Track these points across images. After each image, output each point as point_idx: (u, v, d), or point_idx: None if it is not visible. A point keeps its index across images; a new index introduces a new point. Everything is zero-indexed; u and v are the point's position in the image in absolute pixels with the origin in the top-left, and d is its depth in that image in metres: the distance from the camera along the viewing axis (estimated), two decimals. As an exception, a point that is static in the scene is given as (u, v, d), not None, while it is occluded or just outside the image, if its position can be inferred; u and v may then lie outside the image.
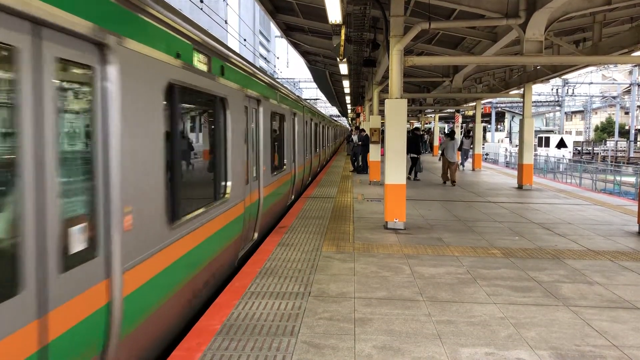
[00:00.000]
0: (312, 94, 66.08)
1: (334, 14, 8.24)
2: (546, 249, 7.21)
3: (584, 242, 7.64)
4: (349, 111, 44.68)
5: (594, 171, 22.45)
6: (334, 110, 76.21)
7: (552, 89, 56.77)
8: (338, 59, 11.99)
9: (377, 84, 16.05)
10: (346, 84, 20.81)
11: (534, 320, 4.48)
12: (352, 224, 8.93)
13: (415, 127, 22.15)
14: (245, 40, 27.51)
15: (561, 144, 35.75)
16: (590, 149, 51.99)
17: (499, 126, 60.80)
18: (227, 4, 30.17)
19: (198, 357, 3.66)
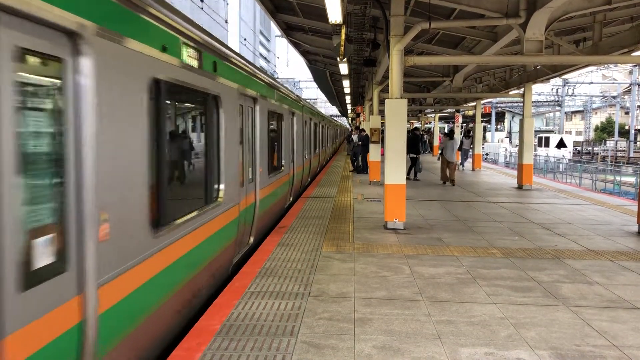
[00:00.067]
0: (312, 93, 66.11)
1: (334, 13, 8.24)
2: (546, 249, 7.21)
3: (583, 242, 7.64)
4: (349, 111, 44.69)
5: (594, 171, 22.46)
6: (334, 110, 76.23)
7: (552, 89, 56.75)
8: (338, 58, 11.99)
9: (377, 83, 16.05)
10: (346, 83, 20.80)
11: (534, 320, 4.48)
12: (352, 224, 8.93)
13: (415, 127, 22.13)
14: (245, 39, 27.52)
15: (561, 144, 35.76)
16: (590, 148, 52.02)
17: (499, 126, 60.84)
18: (228, 4, 30.19)
19: (198, 357, 3.66)
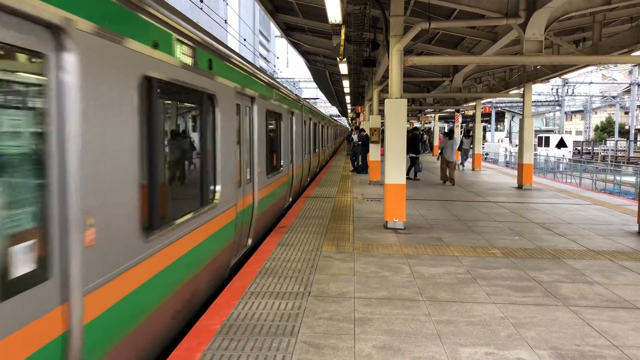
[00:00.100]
0: (312, 93, 66.08)
1: (334, 13, 8.24)
2: (546, 248, 7.21)
3: (583, 242, 7.64)
4: (348, 111, 44.69)
5: (594, 171, 22.46)
6: (333, 110, 76.22)
7: (552, 89, 56.77)
8: (338, 58, 11.99)
9: (377, 83, 16.05)
10: (346, 83, 20.80)
11: (534, 320, 4.48)
12: (352, 223, 8.93)
13: (415, 127, 22.13)
14: (245, 40, 27.53)
15: (561, 144, 35.75)
16: (590, 148, 52.02)
17: (498, 126, 60.82)
18: (227, 4, 30.20)
19: (198, 357, 3.66)
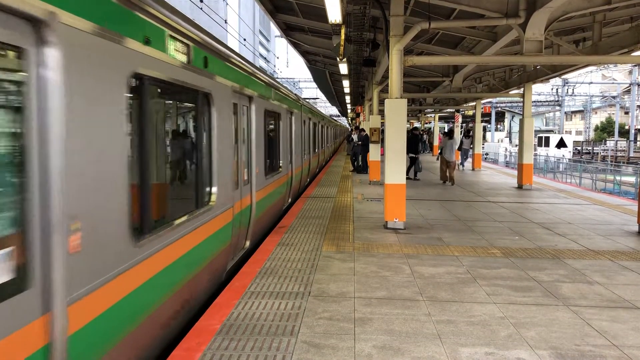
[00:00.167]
0: (312, 93, 66.11)
1: (334, 13, 8.24)
2: (546, 248, 7.21)
3: (583, 242, 7.64)
4: (348, 111, 44.70)
5: (594, 171, 22.47)
6: (333, 110, 76.23)
7: (552, 89, 56.78)
8: (338, 58, 11.99)
9: (377, 83, 16.05)
10: (346, 83, 20.80)
11: (534, 320, 4.48)
12: (352, 223, 8.93)
13: (414, 127, 22.13)
14: (245, 40, 27.53)
15: (561, 144, 35.76)
16: (590, 148, 52.03)
17: (498, 126, 60.81)
18: (227, 4, 30.20)
19: (198, 357, 3.66)
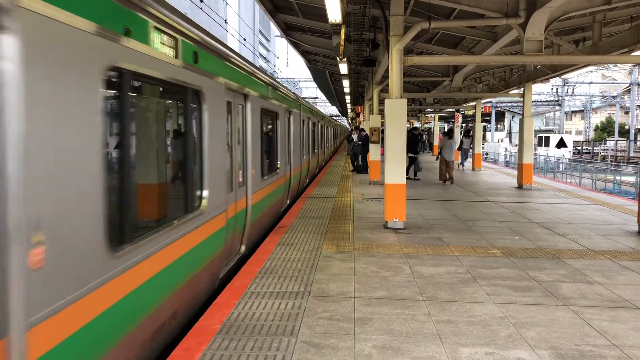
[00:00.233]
0: (312, 93, 66.12)
1: (334, 13, 8.24)
2: (546, 248, 7.21)
3: (583, 242, 7.64)
4: (348, 111, 44.70)
5: (594, 171, 22.47)
6: (333, 110, 76.24)
7: (552, 89, 56.77)
8: (338, 58, 11.99)
9: (377, 83, 16.05)
10: (346, 83, 20.80)
11: (534, 319, 4.48)
12: (352, 223, 8.93)
13: (414, 127, 22.13)
14: (245, 39, 27.53)
15: (561, 144, 35.76)
16: (590, 148, 52.02)
17: (498, 126, 60.80)
18: (227, 4, 30.20)
19: (198, 356, 3.66)
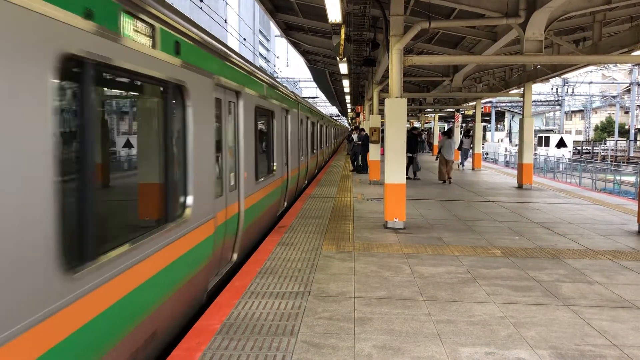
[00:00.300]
0: (312, 93, 66.15)
1: (334, 13, 8.24)
2: (546, 248, 7.21)
3: (583, 242, 7.64)
4: (348, 110, 44.72)
5: (594, 170, 22.47)
6: (333, 110, 76.27)
7: (552, 89, 56.77)
8: (338, 58, 11.99)
9: (377, 83, 16.05)
10: (346, 83, 20.81)
11: (534, 319, 4.48)
12: (352, 223, 8.93)
13: (413, 127, 22.11)
14: (245, 39, 27.54)
15: (561, 144, 35.75)
16: (590, 148, 52.02)
17: (498, 125, 60.80)
18: (227, 4, 30.20)
19: (198, 356, 3.66)
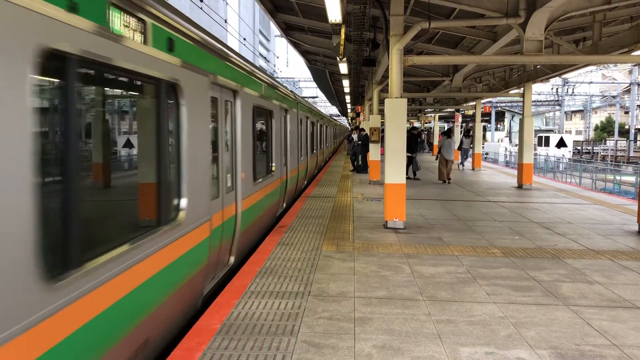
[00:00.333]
0: (312, 93, 66.19)
1: (334, 13, 8.24)
2: (546, 248, 7.21)
3: (583, 242, 7.64)
4: (348, 110, 44.72)
5: (594, 170, 22.46)
6: (333, 110, 76.29)
7: (552, 89, 56.77)
8: (338, 58, 11.99)
9: (377, 83, 16.05)
10: (346, 83, 20.81)
11: (534, 319, 4.48)
12: (352, 223, 8.93)
13: (413, 127, 22.10)
14: (245, 39, 27.54)
15: (561, 144, 35.75)
16: (590, 148, 52.02)
17: (498, 125, 60.81)
18: (227, 4, 30.20)
19: (198, 356, 3.66)
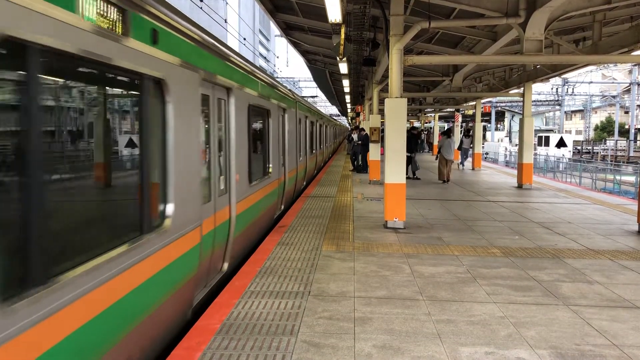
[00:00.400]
0: (311, 92, 66.22)
1: (334, 13, 8.24)
2: (546, 248, 7.21)
3: (583, 241, 7.64)
4: (348, 110, 44.73)
5: (594, 170, 22.46)
6: (333, 110, 76.29)
7: (552, 88, 56.77)
8: (338, 58, 11.99)
9: (377, 83, 16.05)
10: (346, 83, 20.81)
11: (534, 319, 4.48)
12: (352, 223, 8.93)
13: (412, 127, 22.11)
14: (245, 39, 27.54)
15: (561, 143, 35.74)
16: (590, 148, 52.02)
17: (498, 125, 60.80)
18: (227, 3, 30.19)
19: (198, 356, 3.66)
